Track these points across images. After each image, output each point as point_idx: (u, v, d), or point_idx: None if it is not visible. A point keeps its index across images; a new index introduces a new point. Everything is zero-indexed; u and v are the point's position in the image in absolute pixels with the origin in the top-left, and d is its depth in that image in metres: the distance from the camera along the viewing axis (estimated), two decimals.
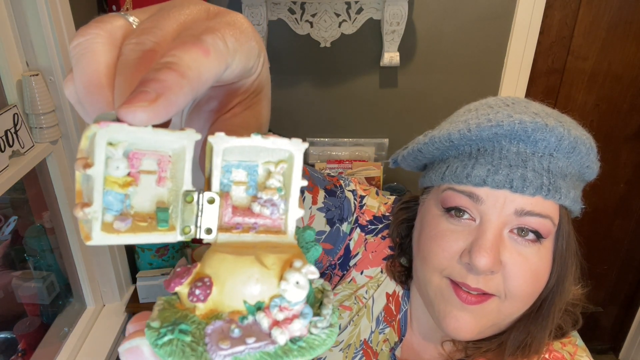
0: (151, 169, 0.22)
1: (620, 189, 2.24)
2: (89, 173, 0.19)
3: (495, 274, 0.51)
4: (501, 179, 0.50)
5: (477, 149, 0.53)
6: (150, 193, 0.22)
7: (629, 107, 2.06)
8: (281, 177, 0.24)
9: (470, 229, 0.53)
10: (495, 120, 0.51)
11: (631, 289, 2.49)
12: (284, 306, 0.20)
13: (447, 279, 0.54)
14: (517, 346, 0.56)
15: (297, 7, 1.71)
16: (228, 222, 0.23)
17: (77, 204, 0.20)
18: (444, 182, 0.55)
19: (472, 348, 0.58)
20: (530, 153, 0.51)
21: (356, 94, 1.88)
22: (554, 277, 0.54)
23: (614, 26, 1.89)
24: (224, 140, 0.22)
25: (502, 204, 0.50)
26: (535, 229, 0.51)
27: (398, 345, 0.66)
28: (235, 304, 0.20)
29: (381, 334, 0.66)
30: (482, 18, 1.77)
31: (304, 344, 0.20)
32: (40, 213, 1.38)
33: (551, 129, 0.49)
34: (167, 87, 0.19)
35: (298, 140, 0.23)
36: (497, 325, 0.56)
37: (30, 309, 1.39)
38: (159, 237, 0.21)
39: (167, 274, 1.55)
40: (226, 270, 0.21)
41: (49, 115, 1.20)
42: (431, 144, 0.56)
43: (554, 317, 0.55)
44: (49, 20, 1.15)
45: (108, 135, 0.19)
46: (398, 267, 0.67)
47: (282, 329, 0.20)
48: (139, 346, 0.20)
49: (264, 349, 0.19)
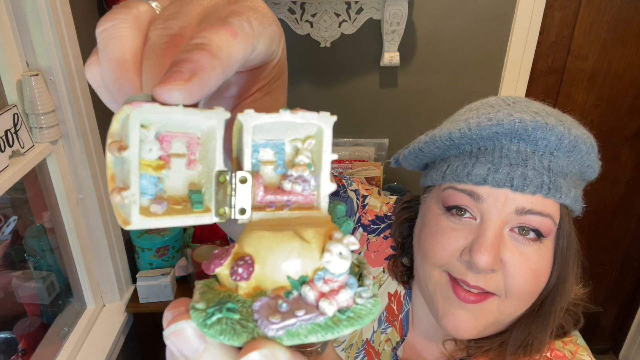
0: (181, 152, 0.22)
1: (620, 189, 2.24)
2: (124, 156, 0.19)
3: (496, 273, 0.52)
4: (501, 177, 0.50)
5: (478, 148, 0.53)
6: (181, 176, 0.22)
7: (629, 107, 2.06)
8: (309, 153, 0.24)
9: (471, 228, 0.53)
10: (495, 119, 0.51)
11: (631, 289, 2.48)
12: (328, 278, 0.20)
13: (446, 274, 0.55)
14: (518, 345, 0.56)
15: (297, 7, 1.71)
16: (261, 201, 0.23)
17: (114, 189, 0.19)
18: (445, 181, 0.55)
19: (474, 347, 0.58)
20: (531, 152, 0.51)
21: (356, 94, 1.88)
22: (555, 276, 0.54)
23: (614, 26, 1.89)
24: (253, 117, 0.21)
25: (502, 203, 0.50)
26: (535, 227, 0.51)
27: (400, 344, 0.66)
28: (278, 279, 0.20)
29: (383, 333, 0.66)
30: (482, 18, 1.77)
31: (352, 314, 0.20)
32: (40, 213, 1.38)
33: (551, 128, 0.49)
34: (200, 67, 0.20)
35: (326, 114, 0.22)
36: (498, 324, 0.56)
37: (30, 309, 1.39)
38: (195, 219, 0.21)
39: (167, 274, 1.55)
40: (266, 247, 0.20)
41: (49, 115, 1.20)
42: (432, 143, 0.57)
43: (555, 316, 0.55)
44: (49, 20, 1.15)
45: (141, 116, 0.19)
46: (400, 267, 0.68)
47: (330, 300, 0.19)
48: (184, 329, 0.20)
49: (314, 320, 0.19)
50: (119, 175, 0.20)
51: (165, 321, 0.20)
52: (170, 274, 1.56)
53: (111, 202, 0.20)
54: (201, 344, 0.19)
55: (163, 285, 1.54)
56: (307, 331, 0.19)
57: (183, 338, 0.20)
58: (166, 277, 1.54)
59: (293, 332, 0.19)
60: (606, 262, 2.42)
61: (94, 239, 1.46)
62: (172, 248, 1.62)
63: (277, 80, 0.28)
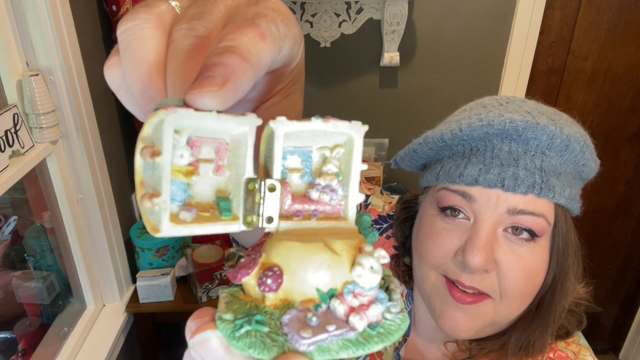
0: (209, 157, 0.21)
1: (620, 189, 2.24)
2: (157, 162, 0.19)
3: (490, 273, 0.51)
4: (492, 178, 0.50)
5: (470, 149, 0.53)
6: (209, 182, 0.21)
7: (629, 107, 2.06)
8: (337, 162, 0.23)
9: (464, 228, 0.53)
10: (486, 120, 0.51)
11: (631, 289, 2.49)
12: (358, 292, 0.20)
13: (442, 277, 0.55)
14: (519, 346, 0.56)
15: (297, 7, 1.71)
16: (288, 210, 0.23)
17: (144, 195, 0.19)
18: (439, 182, 0.55)
19: (475, 348, 0.58)
20: (522, 152, 0.51)
21: (356, 94, 1.88)
22: (551, 276, 0.54)
23: (614, 26, 1.89)
24: (285, 124, 0.21)
25: (494, 203, 0.50)
26: (528, 227, 0.51)
27: (402, 345, 0.66)
28: (307, 291, 0.20)
29: None
30: (482, 18, 1.77)
31: (382, 330, 0.19)
32: (40, 213, 1.38)
33: (542, 127, 0.49)
34: (233, 72, 0.19)
35: (358, 123, 0.22)
36: (496, 325, 0.56)
37: (30, 309, 1.39)
38: (223, 227, 0.21)
39: (167, 274, 1.55)
40: (295, 258, 0.20)
41: (49, 115, 1.20)
42: (425, 144, 0.57)
43: (555, 316, 0.55)
44: (49, 20, 1.15)
45: (176, 122, 0.19)
46: (402, 267, 0.68)
47: (361, 315, 0.19)
48: (209, 338, 0.19)
49: (345, 336, 0.19)
50: (149, 180, 0.19)
51: (189, 331, 0.20)
52: (170, 274, 1.56)
53: (140, 208, 0.19)
54: (226, 354, 0.19)
55: (163, 285, 1.54)
56: (338, 347, 0.18)
57: (209, 348, 0.19)
58: (166, 277, 1.54)
59: (324, 348, 0.18)
60: (606, 262, 2.42)
61: (94, 239, 1.46)
62: (172, 248, 1.62)
63: (296, 83, 0.27)
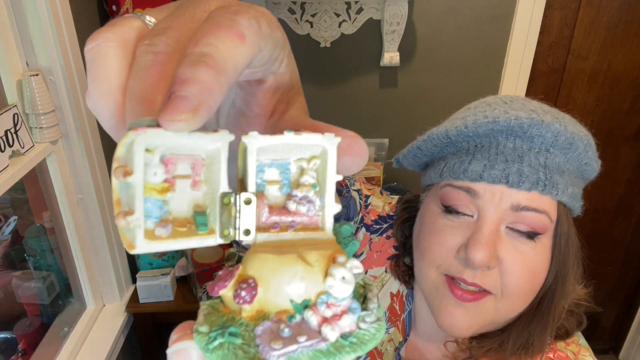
0: (185, 173, 0.21)
1: (620, 189, 2.24)
2: (129, 181, 0.19)
3: (492, 270, 0.52)
4: (497, 173, 0.50)
5: (475, 145, 0.53)
6: (186, 197, 0.22)
7: (629, 107, 2.06)
8: (314, 173, 0.24)
9: (467, 225, 0.53)
10: (491, 117, 0.51)
11: (631, 289, 2.49)
12: (331, 302, 0.20)
13: (443, 275, 0.55)
14: (518, 345, 0.56)
15: (297, 7, 1.71)
16: (265, 222, 0.23)
17: (119, 213, 0.19)
18: (443, 178, 0.55)
19: (475, 347, 0.58)
20: (527, 149, 0.51)
21: (356, 94, 1.88)
22: (552, 274, 0.54)
23: (614, 26, 1.89)
24: (257, 139, 0.21)
25: (498, 199, 0.51)
26: (532, 224, 0.51)
27: (403, 344, 0.66)
28: (281, 303, 0.20)
29: (386, 333, 0.66)
30: (482, 18, 1.77)
31: (354, 340, 0.20)
32: (40, 213, 1.38)
33: (547, 125, 0.50)
34: (208, 91, 0.18)
35: (331, 135, 0.22)
36: (495, 323, 0.56)
37: (30, 309, 1.39)
38: (200, 241, 0.21)
39: (167, 274, 1.55)
40: (270, 270, 0.21)
41: (49, 115, 1.20)
42: (429, 141, 0.57)
43: (555, 315, 0.55)
44: (49, 20, 1.15)
45: (146, 142, 0.19)
46: (402, 267, 0.68)
47: (332, 326, 0.19)
48: (187, 349, 0.20)
49: (316, 346, 0.19)
50: (124, 199, 0.20)
51: (171, 341, 0.20)
52: (170, 274, 1.56)
53: (117, 225, 0.20)
54: None
55: (163, 285, 1.54)
56: (308, 358, 0.19)
57: (185, 358, 0.20)
58: (166, 277, 1.54)
59: (294, 359, 0.19)
60: (606, 262, 2.42)
61: (94, 239, 1.46)
62: None
63: (293, 88, 0.27)
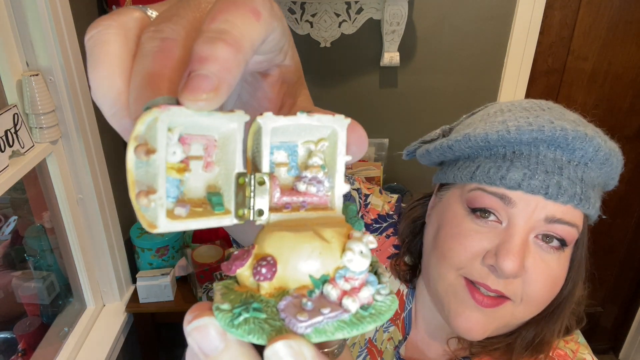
0: (198, 154, 0.22)
1: (620, 189, 2.23)
2: (153, 159, 0.19)
3: (517, 278, 0.51)
4: (537, 184, 0.49)
5: (513, 152, 0.52)
6: (199, 178, 0.22)
7: (629, 107, 2.06)
8: (322, 155, 0.24)
9: (496, 231, 0.52)
10: (536, 125, 0.50)
11: (631, 289, 2.48)
12: (349, 276, 0.21)
13: (462, 278, 0.54)
14: (525, 346, 0.56)
15: (297, 7, 1.71)
16: (277, 202, 0.23)
17: (139, 193, 0.19)
18: (474, 181, 0.54)
19: (477, 346, 0.58)
20: (567, 161, 0.51)
21: (356, 94, 1.88)
22: (570, 284, 0.55)
23: (614, 26, 1.89)
24: (272, 119, 0.22)
25: (533, 209, 0.50)
26: (562, 236, 0.51)
27: (402, 343, 0.66)
28: (300, 279, 0.21)
29: (385, 332, 0.66)
30: (482, 18, 1.77)
31: (373, 311, 0.21)
32: (40, 213, 1.38)
33: (590, 139, 0.50)
34: (227, 69, 0.18)
35: (341, 116, 0.23)
36: (508, 327, 0.56)
37: (30, 309, 1.39)
38: (217, 221, 0.22)
39: (167, 274, 1.55)
40: (288, 248, 0.21)
41: (49, 115, 1.20)
42: (464, 142, 0.55)
43: (564, 319, 0.56)
44: (49, 20, 1.15)
45: (169, 119, 0.19)
46: (403, 266, 0.67)
47: (353, 298, 0.20)
48: (206, 325, 0.20)
49: (339, 317, 0.20)
50: (142, 178, 0.20)
51: (187, 322, 0.20)
52: (170, 274, 1.56)
53: (134, 206, 0.20)
54: (222, 342, 0.20)
55: (163, 285, 1.54)
56: (333, 328, 0.20)
57: (204, 334, 0.20)
58: (166, 277, 1.54)
59: (320, 330, 0.19)
60: (606, 262, 2.42)
61: (94, 239, 1.46)
62: (172, 248, 1.62)
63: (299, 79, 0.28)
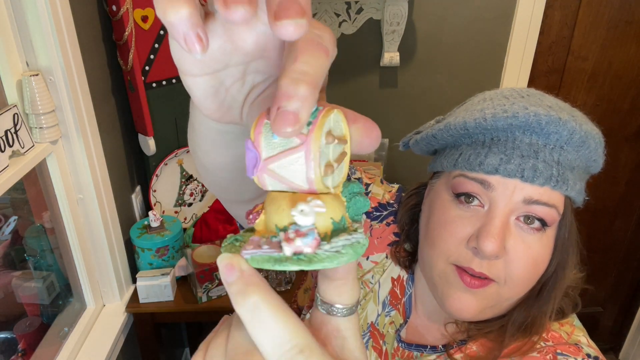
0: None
1: (620, 189, 2.24)
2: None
3: (498, 260, 0.54)
4: (513, 168, 0.52)
5: (491, 138, 0.55)
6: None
7: (629, 107, 2.06)
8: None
9: (478, 215, 0.55)
10: (511, 112, 0.52)
11: (631, 289, 2.49)
12: (296, 229, 0.25)
13: (452, 266, 0.56)
14: (517, 328, 0.58)
15: None
16: None
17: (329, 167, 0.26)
18: (457, 168, 0.56)
19: (474, 329, 0.61)
20: (542, 145, 0.52)
21: (356, 94, 1.88)
22: (554, 264, 0.56)
23: (614, 26, 1.89)
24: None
25: (511, 192, 0.52)
26: (541, 217, 0.53)
27: (403, 326, 0.68)
28: (271, 227, 0.27)
29: (387, 316, 0.69)
30: (482, 18, 1.78)
31: (303, 257, 0.24)
32: (40, 213, 1.38)
33: (564, 123, 0.51)
34: (307, 105, 0.22)
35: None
36: (497, 307, 0.58)
37: (30, 309, 1.39)
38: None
39: (167, 274, 1.55)
40: (269, 203, 0.27)
41: (49, 115, 1.20)
42: (446, 131, 0.58)
43: (554, 300, 0.58)
44: (49, 20, 1.15)
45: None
46: (403, 253, 0.70)
47: (289, 243, 0.25)
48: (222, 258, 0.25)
49: (270, 254, 0.25)
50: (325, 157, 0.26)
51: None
52: (170, 274, 1.56)
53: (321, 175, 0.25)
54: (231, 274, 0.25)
55: (163, 285, 1.54)
56: (262, 260, 0.25)
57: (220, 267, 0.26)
58: (166, 277, 1.54)
59: (255, 258, 0.25)
60: (606, 262, 2.42)
61: (94, 239, 1.46)
62: (172, 248, 1.62)
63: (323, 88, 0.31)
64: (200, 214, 1.89)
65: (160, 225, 1.62)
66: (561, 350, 0.56)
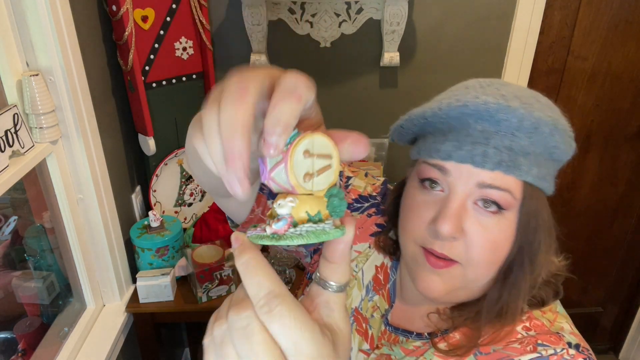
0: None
1: (620, 189, 2.24)
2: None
3: (458, 241, 0.57)
4: (464, 154, 0.55)
5: (448, 127, 0.58)
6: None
7: (629, 107, 2.06)
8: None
9: (439, 199, 0.58)
10: (463, 101, 0.55)
11: (631, 289, 2.49)
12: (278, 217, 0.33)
13: (420, 248, 0.60)
14: (492, 313, 0.60)
15: (297, 7, 1.71)
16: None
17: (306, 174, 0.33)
18: (420, 156, 0.61)
19: (456, 317, 0.64)
20: (494, 132, 0.55)
21: (356, 94, 1.88)
22: (516, 247, 0.58)
23: (614, 26, 1.90)
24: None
25: (466, 177, 0.56)
26: (495, 200, 0.56)
27: (389, 311, 0.71)
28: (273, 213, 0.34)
29: (370, 301, 0.73)
30: (482, 18, 1.78)
31: (276, 236, 0.32)
32: (40, 213, 1.38)
33: (513, 110, 0.53)
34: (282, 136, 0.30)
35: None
36: (467, 289, 0.62)
37: (30, 309, 1.39)
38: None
39: (167, 273, 1.55)
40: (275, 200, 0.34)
41: (49, 115, 1.20)
42: (409, 121, 0.63)
43: (526, 285, 0.60)
44: (49, 20, 1.15)
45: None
46: (388, 241, 0.73)
47: (270, 226, 0.33)
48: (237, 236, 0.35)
49: (257, 233, 0.34)
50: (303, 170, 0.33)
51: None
52: (170, 274, 1.56)
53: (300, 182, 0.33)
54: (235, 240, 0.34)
55: (163, 285, 1.54)
56: (256, 237, 0.33)
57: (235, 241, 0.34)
58: (166, 277, 1.54)
59: (252, 237, 0.34)
60: (606, 262, 2.42)
61: (94, 239, 1.46)
62: (172, 248, 1.62)
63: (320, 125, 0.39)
64: (200, 214, 1.89)
65: (160, 225, 1.62)
66: (542, 341, 0.58)
